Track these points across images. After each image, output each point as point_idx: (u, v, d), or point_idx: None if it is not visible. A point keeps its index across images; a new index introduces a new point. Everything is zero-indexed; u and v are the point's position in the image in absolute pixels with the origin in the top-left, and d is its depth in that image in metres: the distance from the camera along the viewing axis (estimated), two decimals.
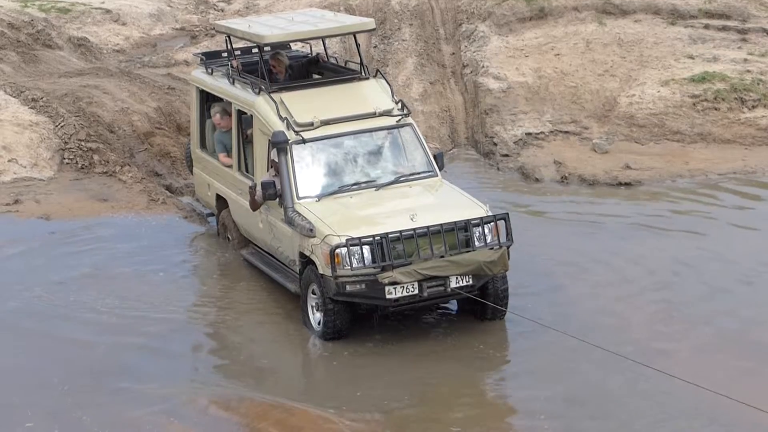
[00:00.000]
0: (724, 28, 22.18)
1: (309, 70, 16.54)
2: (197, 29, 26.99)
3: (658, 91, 20.43)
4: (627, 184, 18.35)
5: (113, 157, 18.73)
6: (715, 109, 20.08)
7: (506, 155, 19.64)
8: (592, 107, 20.57)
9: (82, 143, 18.83)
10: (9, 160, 18.44)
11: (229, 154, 15.86)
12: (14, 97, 20.08)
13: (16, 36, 24.65)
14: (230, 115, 15.90)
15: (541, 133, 20.07)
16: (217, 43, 23.47)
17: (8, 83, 20.99)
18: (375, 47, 22.65)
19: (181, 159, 19.23)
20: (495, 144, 19.96)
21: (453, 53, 22.67)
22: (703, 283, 14.65)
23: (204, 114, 16.51)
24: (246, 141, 15.36)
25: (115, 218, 17.19)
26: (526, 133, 20.04)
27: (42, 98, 19.92)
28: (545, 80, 21.11)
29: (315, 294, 13.39)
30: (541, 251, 15.57)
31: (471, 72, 21.69)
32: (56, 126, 19.11)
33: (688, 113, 20.05)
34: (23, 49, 23.94)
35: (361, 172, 14.21)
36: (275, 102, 14.46)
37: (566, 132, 20.11)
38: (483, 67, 21.48)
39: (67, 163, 18.63)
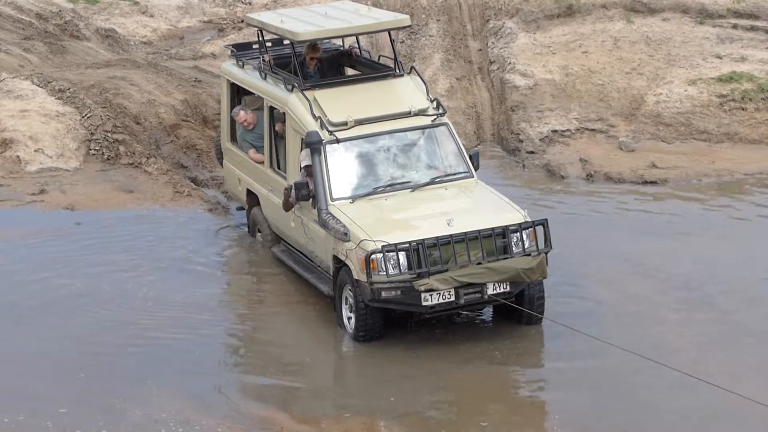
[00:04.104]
0: (752, 28, 22.05)
1: (340, 63, 16.38)
2: (225, 22, 26.92)
3: (686, 90, 20.35)
4: (653, 183, 18.31)
5: (139, 148, 18.73)
6: (742, 109, 20.02)
7: (532, 152, 19.57)
8: (618, 105, 20.49)
9: (109, 134, 18.83)
10: (35, 150, 18.44)
11: (257, 150, 15.76)
12: (41, 87, 20.06)
13: (44, 26, 24.63)
14: (254, 111, 15.79)
15: (567, 130, 20.00)
16: (244, 36, 23.37)
17: (35, 74, 20.99)
18: (402, 42, 22.53)
19: (206, 151, 19.21)
20: (521, 141, 19.89)
21: (480, 49, 22.57)
22: (727, 283, 14.65)
23: (234, 107, 16.30)
24: (278, 137, 15.21)
25: (140, 210, 17.18)
26: (552, 131, 19.96)
27: (69, 89, 19.90)
28: (572, 77, 21.02)
29: (349, 295, 13.29)
30: (571, 251, 15.37)
31: (498, 68, 21.60)
32: (83, 117, 19.10)
33: (715, 113, 19.99)
34: (51, 40, 23.92)
35: (395, 172, 14.01)
36: (308, 100, 14.26)
37: (592, 130, 20.03)
38: (510, 63, 21.39)
39: (93, 154, 18.62)
